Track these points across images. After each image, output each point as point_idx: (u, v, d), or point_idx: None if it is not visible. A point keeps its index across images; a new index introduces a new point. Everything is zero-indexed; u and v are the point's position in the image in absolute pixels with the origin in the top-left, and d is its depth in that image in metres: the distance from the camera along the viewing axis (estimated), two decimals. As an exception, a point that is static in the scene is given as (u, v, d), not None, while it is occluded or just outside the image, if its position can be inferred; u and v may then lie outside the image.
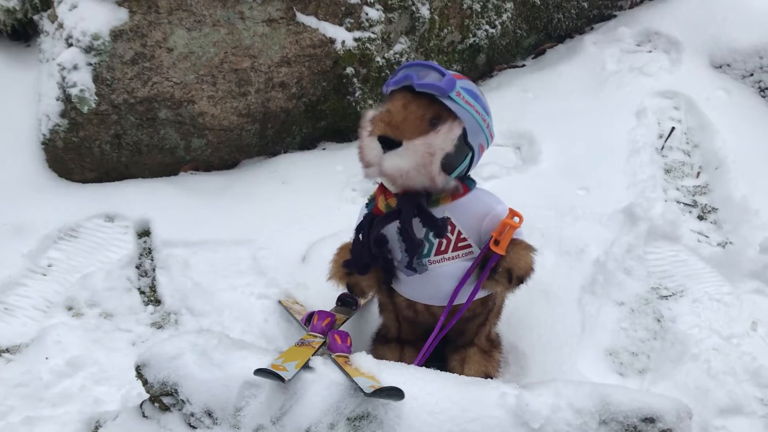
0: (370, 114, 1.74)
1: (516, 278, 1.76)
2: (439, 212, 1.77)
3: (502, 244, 1.74)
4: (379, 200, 1.83)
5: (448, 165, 1.68)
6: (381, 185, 1.84)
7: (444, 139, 1.66)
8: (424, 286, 1.86)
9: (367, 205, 1.90)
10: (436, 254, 1.82)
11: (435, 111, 1.68)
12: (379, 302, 2.09)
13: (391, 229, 1.80)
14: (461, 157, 1.72)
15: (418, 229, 1.76)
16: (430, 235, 1.79)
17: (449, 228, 1.79)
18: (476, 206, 1.81)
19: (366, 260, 1.83)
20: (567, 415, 1.54)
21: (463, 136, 1.70)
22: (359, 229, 1.83)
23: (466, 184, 1.82)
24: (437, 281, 1.84)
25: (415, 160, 1.64)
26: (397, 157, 1.65)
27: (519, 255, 1.77)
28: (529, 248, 1.80)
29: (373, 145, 1.69)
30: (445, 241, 1.81)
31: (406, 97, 1.70)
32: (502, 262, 1.75)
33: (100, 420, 1.89)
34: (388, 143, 1.66)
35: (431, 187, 1.72)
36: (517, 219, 1.75)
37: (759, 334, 2.18)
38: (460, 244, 1.82)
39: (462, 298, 1.83)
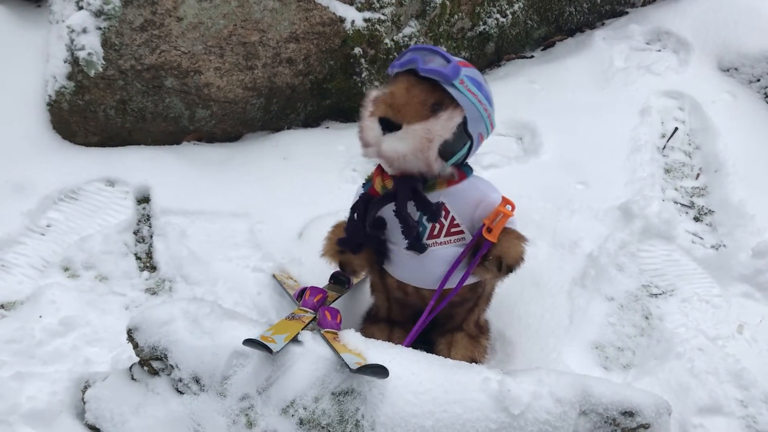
0: (373, 94, 1.75)
1: (506, 267, 1.78)
2: (434, 197, 1.78)
3: (495, 232, 1.75)
4: (375, 181, 1.84)
5: (445, 152, 1.69)
6: (379, 166, 1.85)
7: (443, 125, 1.67)
8: (415, 269, 1.88)
9: (364, 185, 1.92)
10: (428, 238, 1.84)
11: (437, 97, 1.69)
12: (371, 282, 2.11)
13: (388, 212, 1.81)
14: (460, 145, 1.73)
15: (412, 213, 1.78)
16: (424, 218, 1.80)
17: (443, 213, 1.81)
18: (471, 193, 1.82)
19: (359, 240, 1.85)
20: (547, 403, 1.56)
21: (463, 124, 1.71)
22: (354, 208, 1.85)
23: (463, 171, 1.84)
24: (428, 265, 1.86)
25: (413, 144, 1.66)
26: (395, 140, 1.67)
27: (510, 244, 1.78)
28: (521, 238, 1.82)
29: (373, 126, 1.70)
30: (438, 226, 1.82)
31: (410, 80, 1.70)
32: (493, 250, 1.77)
33: (89, 380, 1.92)
34: (389, 125, 1.67)
35: (427, 172, 1.73)
36: (510, 207, 1.76)
37: (744, 337, 2.20)
38: (452, 230, 1.84)
39: (452, 283, 1.85)
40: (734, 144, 2.91)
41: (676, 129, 3.06)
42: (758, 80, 3.27)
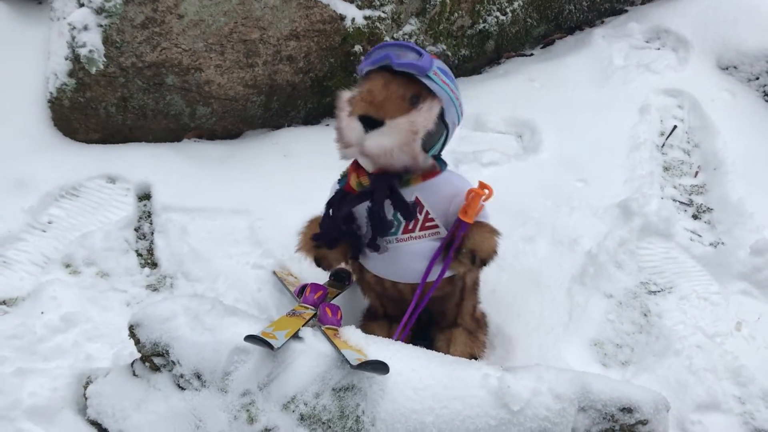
0: (346, 95, 1.76)
1: (479, 260, 1.79)
2: (408, 192, 1.80)
3: (470, 213, 1.77)
4: (351, 177, 1.86)
5: (426, 143, 1.72)
6: (354, 163, 1.86)
7: (426, 117, 1.69)
8: (390, 264, 1.89)
9: (339, 181, 1.93)
10: (403, 233, 1.85)
11: (415, 90, 1.71)
12: (357, 280, 2.12)
13: (361, 207, 1.82)
14: (438, 135, 1.76)
15: (387, 209, 1.79)
16: (399, 214, 1.81)
17: (417, 208, 1.82)
18: (445, 188, 1.84)
19: (334, 235, 1.86)
20: (547, 399, 1.57)
21: (441, 114, 1.74)
22: (330, 204, 1.86)
23: (438, 165, 1.85)
24: (403, 259, 1.87)
25: (399, 138, 1.67)
26: (380, 136, 1.68)
27: (483, 237, 1.79)
28: (494, 231, 1.83)
29: (354, 126, 1.71)
30: (412, 221, 1.84)
31: (386, 76, 1.72)
32: (466, 244, 1.78)
33: (91, 376, 1.92)
34: (370, 123, 1.68)
35: (412, 166, 1.75)
36: (487, 192, 1.78)
37: (743, 335, 2.22)
38: (427, 224, 1.85)
39: (431, 278, 1.86)
40: (733, 142, 2.92)
41: (675, 127, 3.07)
42: (757, 78, 3.27)
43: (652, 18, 3.66)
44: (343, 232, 1.85)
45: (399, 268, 1.89)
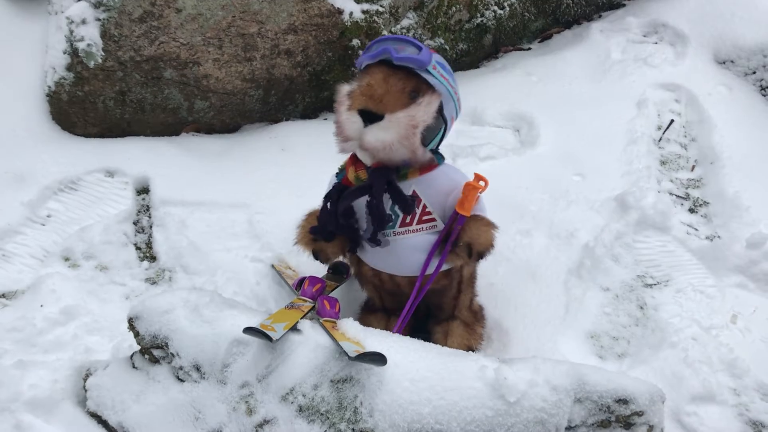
0: (345, 89, 1.76)
1: (476, 253, 1.79)
2: (406, 186, 1.80)
3: (467, 206, 1.77)
4: (349, 171, 1.87)
5: (426, 137, 1.73)
6: (352, 156, 1.87)
7: (425, 111, 1.69)
8: (388, 257, 1.90)
9: (337, 174, 1.94)
10: (400, 226, 1.85)
11: (414, 84, 1.71)
12: (355, 273, 2.13)
13: (359, 201, 1.83)
14: (437, 129, 1.77)
15: (386, 202, 1.80)
16: (396, 207, 1.82)
17: (414, 201, 1.83)
18: (443, 181, 1.85)
19: (332, 228, 1.87)
20: (543, 391, 1.58)
21: (439, 108, 1.74)
22: (328, 197, 1.87)
23: (435, 158, 1.86)
24: (401, 252, 1.87)
25: (399, 132, 1.67)
26: (380, 130, 1.68)
27: (480, 230, 1.80)
28: (491, 224, 1.84)
29: (353, 119, 1.71)
30: (410, 214, 1.84)
31: (385, 70, 1.72)
32: (462, 237, 1.79)
33: (90, 368, 1.94)
34: (370, 117, 1.68)
35: (411, 160, 1.75)
36: (483, 183, 1.78)
37: (738, 327, 2.23)
38: (424, 218, 1.86)
39: (428, 271, 1.87)
40: (729, 136, 2.93)
41: (672, 121, 3.08)
42: (754, 73, 3.28)
43: (649, 12, 3.66)
44: (341, 225, 1.86)
45: (396, 262, 1.90)
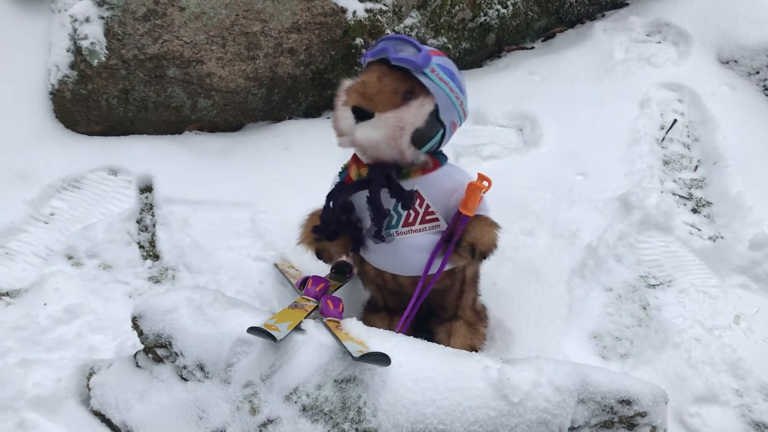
0: (346, 84, 1.78)
1: (479, 253, 1.80)
2: (408, 185, 1.80)
3: (470, 206, 1.78)
4: (351, 169, 1.87)
5: (418, 139, 1.72)
6: (355, 155, 1.88)
7: (415, 113, 1.69)
8: (390, 256, 1.90)
9: (340, 173, 1.95)
10: (403, 226, 1.86)
11: (408, 85, 1.71)
12: (358, 273, 2.13)
13: (361, 198, 1.83)
14: (432, 133, 1.76)
15: (387, 200, 1.80)
16: (398, 206, 1.82)
17: (417, 201, 1.83)
18: (445, 182, 1.85)
19: (334, 227, 1.87)
20: (547, 391, 1.58)
21: (435, 112, 1.73)
22: (330, 196, 1.87)
23: (438, 159, 1.86)
24: (403, 252, 1.88)
25: (385, 132, 1.68)
26: (368, 129, 1.69)
27: (483, 230, 1.80)
28: (494, 224, 1.84)
29: (347, 115, 1.72)
30: (413, 213, 1.84)
31: (382, 69, 1.73)
32: (465, 237, 1.79)
33: (94, 367, 1.94)
34: (361, 114, 1.69)
35: (400, 160, 1.75)
36: (486, 183, 1.78)
37: (741, 328, 2.23)
38: (427, 218, 1.86)
39: (431, 271, 1.87)
40: (733, 136, 2.93)
41: (675, 121, 3.08)
42: (757, 72, 3.28)
43: (653, 11, 3.66)
44: (341, 222, 1.86)
45: (399, 261, 1.90)
